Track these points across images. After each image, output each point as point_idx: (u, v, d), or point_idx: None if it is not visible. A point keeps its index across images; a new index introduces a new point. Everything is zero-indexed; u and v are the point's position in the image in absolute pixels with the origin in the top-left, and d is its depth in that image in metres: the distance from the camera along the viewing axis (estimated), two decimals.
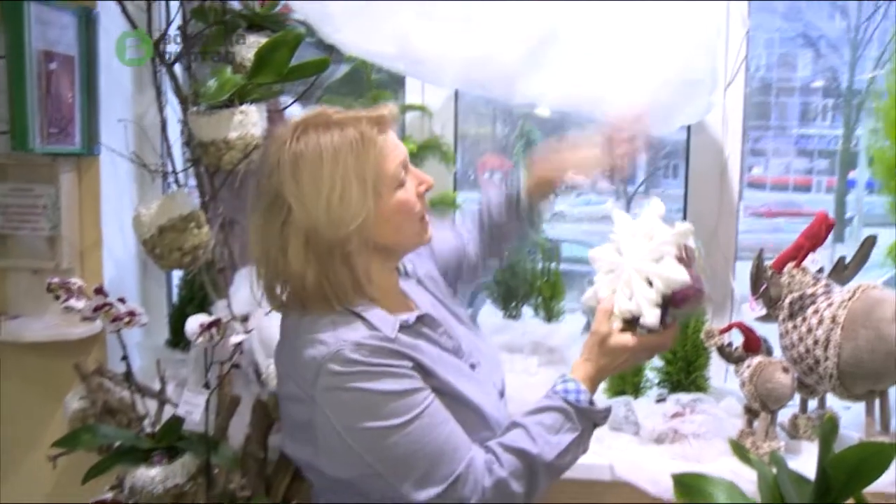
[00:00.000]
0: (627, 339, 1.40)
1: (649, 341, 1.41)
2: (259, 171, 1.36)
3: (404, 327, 1.34)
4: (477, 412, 1.38)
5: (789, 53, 7.06)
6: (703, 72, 2.00)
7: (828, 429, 1.80)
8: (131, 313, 1.77)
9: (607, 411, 1.41)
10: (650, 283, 1.39)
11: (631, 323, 1.41)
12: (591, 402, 1.37)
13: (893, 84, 2.18)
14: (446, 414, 1.30)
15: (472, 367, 1.47)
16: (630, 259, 1.42)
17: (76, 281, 1.76)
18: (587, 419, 1.36)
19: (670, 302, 1.40)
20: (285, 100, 2.14)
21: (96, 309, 1.72)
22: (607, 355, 1.40)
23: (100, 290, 1.73)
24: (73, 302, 1.71)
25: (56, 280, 1.74)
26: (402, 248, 1.44)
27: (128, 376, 1.87)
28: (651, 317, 1.37)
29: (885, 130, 2.20)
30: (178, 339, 2.35)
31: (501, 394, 1.54)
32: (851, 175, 5.95)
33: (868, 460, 1.61)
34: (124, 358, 1.83)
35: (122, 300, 1.77)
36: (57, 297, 1.72)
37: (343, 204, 1.27)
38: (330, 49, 2.17)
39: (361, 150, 1.30)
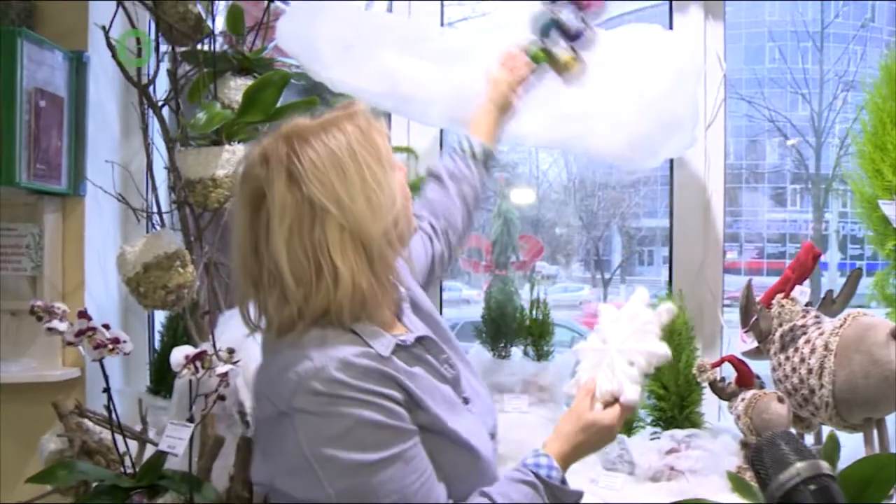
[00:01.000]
0: (605, 414, 1.36)
1: (623, 414, 1.38)
2: (254, 200, 1.23)
3: (401, 348, 1.26)
4: (468, 449, 1.28)
5: (758, 140, 7.31)
6: (684, 107, 2.06)
7: (830, 447, 1.78)
8: (115, 340, 1.72)
9: (579, 495, 1.33)
10: (632, 364, 1.40)
11: (610, 405, 1.39)
12: (564, 481, 1.30)
13: (868, 121, 2.26)
14: (426, 465, 1.20)
15: (466, 401, 1.38)
16: (613, 343, 1.44)
17: (60, 305, 1.71)
18: (557, 498, 1.28)
19: None
20: None
21: (80, 333, 1.67)
22: (585, 432, 1.35)
23: (84, 314, 1.68)
24: (56, 323, 1.66)
25: (40, 303, 1.70)
26: (406, 236, 1.35)
27: (109, 410, 1.80)
28: (633, 393, 1.36)
29: (863, 166, 2.26)
30: (159, 387, 2.30)
31: (493, 436, 1.44)
32: (823, 258, 6.08)
33: (875, 476, 1.58)
34: (106, 390, 1.77)
35: (106, 326, 1.72)
36: (39, 319, 1.67)
37: (381, 189, 1.22)
38: (317, 92, 2.21)
39: (368, 139, 1.26)
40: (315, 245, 1.18)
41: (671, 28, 2.39)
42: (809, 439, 2.15)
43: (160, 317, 2.43)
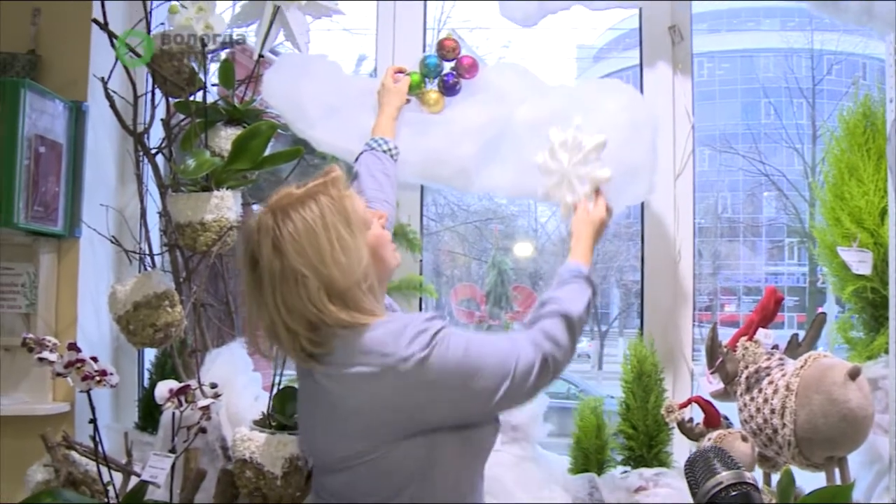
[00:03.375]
0: (598, 209, 1.82)
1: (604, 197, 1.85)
2: (251, 262, 1.48)
3: None
4: None
5: (754, 194, 7.39)
6: (641, 156, 2.15)
7: (785, 482, 1.84)
8: (103, 372, 1.81)
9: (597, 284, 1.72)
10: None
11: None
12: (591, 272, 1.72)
13: (828, 170, 2.36)
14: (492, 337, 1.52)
15: None
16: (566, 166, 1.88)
17: (51, 339, 1.81)
18: (592, 285, 1.68)
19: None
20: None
21: (69, 364, 1.76)
22: (592, 226, 1.79)
23: (73, 346, 1.77)
24: (46, 354, 1.75)
25: (32, 336, 1.79)
26: (386, 274, 1.62)
27: (94, 440, 1.88)
28: (605, 172, 1.85)
29: (824, 215, 2.35)
30: (147, 423, 2.37)
31: None
32: (820, 311, 6.09)
33: None
34: (92, 421, 1.85)
35: (94, 359, 1.81)
36: (31, 350, 1.76)
37: (348, 253, 1.44)
38: (303, 142, 2.32)
39: (339, 208, 1.47)
40: (301, 300, 1.43)
41: (641, 84, 2.51)
42: (776, 478, 2.20)
43: (150, 355, 2.50)
